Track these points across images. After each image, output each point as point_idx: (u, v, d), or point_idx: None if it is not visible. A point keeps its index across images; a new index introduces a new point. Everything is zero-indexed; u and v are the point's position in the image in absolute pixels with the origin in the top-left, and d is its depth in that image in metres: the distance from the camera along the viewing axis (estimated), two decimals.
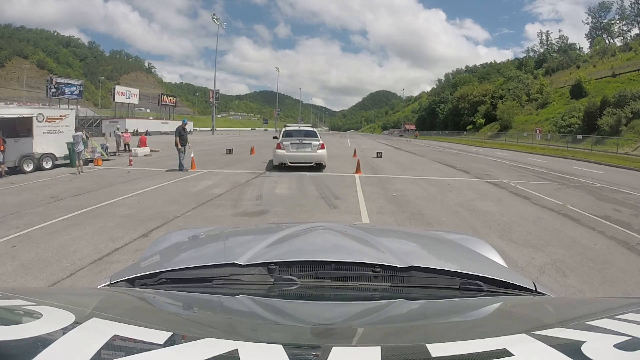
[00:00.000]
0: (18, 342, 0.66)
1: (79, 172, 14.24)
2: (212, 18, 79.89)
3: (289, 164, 14.89)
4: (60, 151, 16.75)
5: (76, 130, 15.52)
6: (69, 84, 62.57)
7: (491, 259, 1.73)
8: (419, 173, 15.25)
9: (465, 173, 15.98)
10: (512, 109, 64.88)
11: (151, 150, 25.40)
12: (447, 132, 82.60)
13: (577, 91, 56.62)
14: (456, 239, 2.08)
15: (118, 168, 16.02)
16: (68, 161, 16.65)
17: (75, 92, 62.11)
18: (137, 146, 23.48)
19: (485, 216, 8.07)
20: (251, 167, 16.04)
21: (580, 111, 47.21)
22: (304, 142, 15.23)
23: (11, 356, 0.63)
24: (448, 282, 1.27)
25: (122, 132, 24.59)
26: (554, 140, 42.96)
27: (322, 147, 15.23)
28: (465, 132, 75.16)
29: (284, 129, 16.81)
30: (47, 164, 16.11)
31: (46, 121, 16.67)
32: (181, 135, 15.33)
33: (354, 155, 22.83)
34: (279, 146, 15.32)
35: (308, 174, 14.08)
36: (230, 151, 23.47)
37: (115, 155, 22.18)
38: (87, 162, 17.41)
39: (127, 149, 23.34)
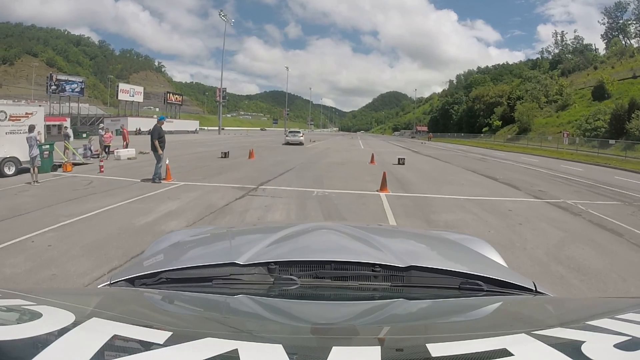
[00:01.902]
0: (18, 342, 0.66)
1: (34, 182, 11.62)
2: (220, 15, 78.15)
3: (290, 143, 36.04)
4: (27, 154, 14.08)
5: (30, 130, 12.64)
6: (69, 81, 60.08)
7: (491, 259, 1.72)
8: (459, 189, 12.02)
9: (514, 189, 12.85)
10: (532, 110, 61.65)
11: (140, 152, 22.69)
12: (462, 134, 79.45)
13: (599, 93, 54.62)
14: (456, 238, 2.04)
15: (84, 176, 13.28)
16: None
17: (76, 90, 59.65)
18: (123, 146, 20.69)
19: (605, 282, 5.02)
20: (242, 178, 13.03)
21: (606, 114, 44.82)
22: (295, 135, 38.90)
23: (11, 356, 0.63)
24: (448, 282, 1.26)
25: (104, 132, 21.54)
26: (579, 144, 39.71)
27: (302, 135, 39.40)
28: (482, 134, 71.78)
29: (289, 130, 50.43)
30: (10, 170, 13.69)
31: (9, 120, 14.24)
32: (160, 136, 12.41)
33: (372, 161, 19.91)
34: (286, 135, 40.49)
35: (315, 191, 10.92)
36: (225, 155, 20.55)
37: (98, 157, 19.44)
38: (55, 167, 14.77)
39: (108, 151, 20.37)
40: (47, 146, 14.84)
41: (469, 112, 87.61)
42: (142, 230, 6.68)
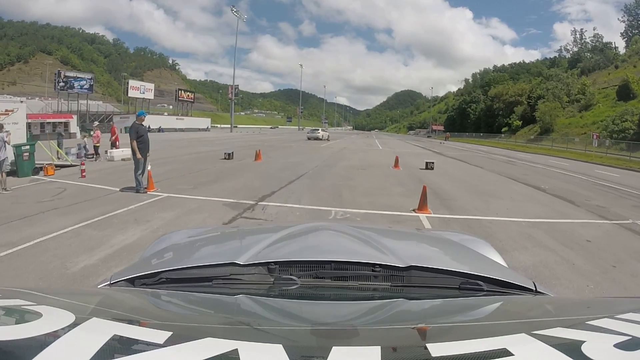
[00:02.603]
0: (18, 342, 0.66)
1: (1, 190, 9.93)
2: (232, 10, 76.72)
3: (310, 139, 43.91)
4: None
5: None
6: (78, 77, 59.02)
7: (491, 259, 1.71)
8: (512, 207, 9.51)
9: (570, 204, 10.42)
10: (554, 110, 58.69)
11: None
12: (481, 134, 76.70)
13: (625, 92, 52.25)
14: (457, 239, 2.04)
15: (62, 182, 11.40)
16: (15, 168, 12.48)
17: (85, 86, 58.53)
18: (113, 146, 18.69)
19: None
20: (240, 189, 10.62)
21: (635, 114, 42.18)
22: (314, 132, 48.34)
23: (11, 356, 0.63)
24: (448, 282, 1.26)
25: (93, 132, 19.50)
26: (608, 147, 36.96)
27: (322, 131, 49.29)
28: (502, 135, 68.95)
29: (311, 128, 61.69)
30: None
31: None
32: (140, 135, 9.93)
33: (396, 165, 17.33)
34: (307, 132, 50.59)
35: (332, 211, 8.39)
36: (229, 156, 18.39)
37: (92, 157, 17.70)
38: (37, 170, 13.08)
39: (97, 152, 18.40)
40: (28, 147, 13.16)
41: (488, 112, 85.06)
42: (70, 283, 4.47)
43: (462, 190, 11.86)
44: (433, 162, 17.24)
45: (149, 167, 9.99)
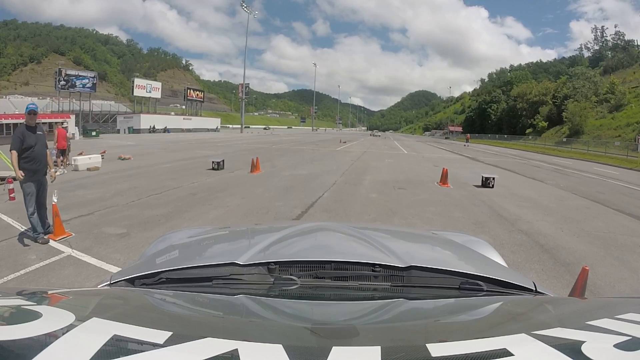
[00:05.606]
0: (18, 342, 0.66)
1: None
2: (242, 6, 73.83)
3: (374, 136, 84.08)
4: None
5: None
6: (80, 76, 56.66)
7: (491, 259, 1.70)
8: None
9: None
10: (585, 110, 54.48)
11: (120, 158, 17.57)
12: (505, 135, 72.40)
13: None
14: (457, 239, 2.01)
15: None
16: None
17: (87, 85, 56.07)
18: (62, 156, 14.50)
19: None
20: None
21: None
22: (376, 133, 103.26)
23: (11, 356, 0.63)
24: (448, 282, 1.26)
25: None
26: None
27: (382, 132, 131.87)
28: (530, 137, 64.41)
29: (373, 131, 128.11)
30: None
31: None
32: (28, 147, 5.74)
33: (443, 182, 12.77)
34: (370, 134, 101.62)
35: None
36: (218, 165, 14.53)
37: (62, 166, 14.16)
38: None
39: (63, 157, 14.40)
40: None
41: (510, 112, 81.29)
42: None
43: (569, 235, 7.21)
44: (493, 178, 12.53)
45: (54, 199, 5.99)
